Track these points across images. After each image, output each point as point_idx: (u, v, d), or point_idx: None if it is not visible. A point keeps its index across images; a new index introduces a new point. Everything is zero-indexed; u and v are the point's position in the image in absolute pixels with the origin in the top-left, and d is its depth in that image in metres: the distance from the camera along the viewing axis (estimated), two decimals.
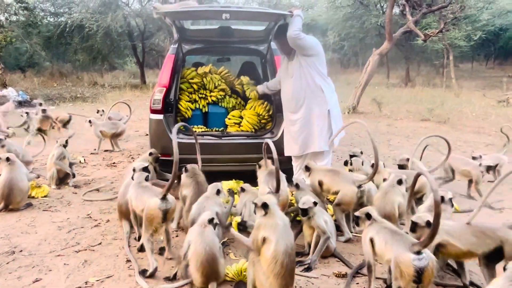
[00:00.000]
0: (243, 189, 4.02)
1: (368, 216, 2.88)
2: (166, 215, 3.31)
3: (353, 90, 13.66)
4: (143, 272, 3.22)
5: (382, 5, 22.79)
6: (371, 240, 2.80)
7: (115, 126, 7.71)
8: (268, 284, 2.66)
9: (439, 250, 2.97)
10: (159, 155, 4.87)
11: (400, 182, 3.78)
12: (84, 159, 6.66)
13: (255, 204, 2.85)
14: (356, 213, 3.00)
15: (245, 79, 5.83)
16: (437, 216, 2.45)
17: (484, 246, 2.90)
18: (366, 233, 2.86)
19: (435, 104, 13.42)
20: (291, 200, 4.24)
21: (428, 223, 2.89)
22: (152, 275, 3.18)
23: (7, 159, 4.61)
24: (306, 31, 4.74)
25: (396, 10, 18.32)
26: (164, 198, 3.30)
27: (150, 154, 4.85)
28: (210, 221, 3.04)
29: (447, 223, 3.02)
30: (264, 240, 2.70)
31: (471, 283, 3.11)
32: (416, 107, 13.53)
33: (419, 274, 2.48)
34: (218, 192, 3.64)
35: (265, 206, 2.78)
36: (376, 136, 9.48)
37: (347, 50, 29.43)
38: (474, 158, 5.57)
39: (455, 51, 21.56)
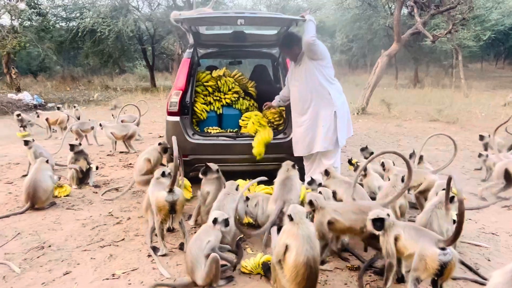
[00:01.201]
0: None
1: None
2: (173, 207, 3.60)
3: (362, 92, 13.78)
4: (154, 249, 3.67)
5: (390, 6, 22.85)
6: (396, 238, 2.92)
7: (125, 128, 7.92)
8: None
9: (330, 227, 3.36)
10: (168, 146, 5.06)
11: (402, 180, 3.88)
12: (97, 167, 6.68)
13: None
14: (371, 217, 3.00)
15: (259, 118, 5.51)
16: (461, 215, 2.59)
17: (361, 222, 3.21)
18: (389, 234, 2.94)
19: (444, 105, 13.50)
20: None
21: None
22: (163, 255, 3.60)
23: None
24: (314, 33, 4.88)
25: (405, 11, 18.39)
26: (171, 191, 3.57)
27: (159, 144, 5.07)
28: (214, 221, 3.23)
29: (334, 202, 3.63)
30: (286, 247, 2.82)
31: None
32: (425, 108, 13.61)
33: (442, 268, 2.65)
34: (237, 188, 3.82)
35: (290, 217, 2.89)
36: (385, 136, 9.60)
37: (355, 51, 29.51)
38: (480, 156, 5.67)
39: (464, 51, 21.56)
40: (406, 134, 9.88)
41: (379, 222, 2.96)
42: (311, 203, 3.46)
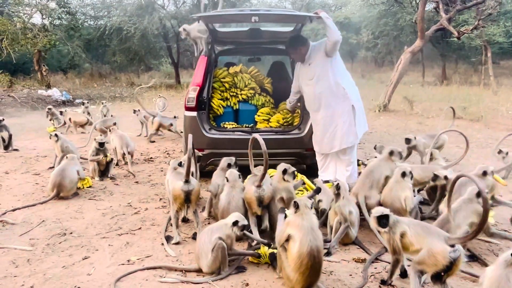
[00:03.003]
0: None
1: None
2: (188, 196, 3.79)
3: (384, 89, 13.64)
4: (168, 238, 3.86)
5: (416, 2, 22.42)
6: (402, 235, 2.95)
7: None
8: (294, 279, 2.91)
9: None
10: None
11: (404, 175, 3.89)
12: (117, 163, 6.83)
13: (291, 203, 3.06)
14: (376, 215, 3.03)
15: None
16: (485, 213, 2.59)
17: None
18: (395, 231, 2.97)
19: (471, 102, 13.20)
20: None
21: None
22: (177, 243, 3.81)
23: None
24: (340, 29, 4.94)
25: (431, 6, 18.04)
26: (187, 181, 3.75)
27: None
28: (235, 223, 3.31)
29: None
30: (289, 237, 2.92)
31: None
32: (450, 106, 13.32)
33: (451, 264, 2.70)
34: (239, 177, 3.99)
35: (295, 205, 2.99)
36: (405, 133, 9.50)
37: (381, 48, 29.06)
38: (500, 153, 5.59)
39: (494, 47, 20.95)
40: (427, 131, 9.74)
41: (384, 219, 2.98)
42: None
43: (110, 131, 6.97)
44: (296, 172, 4.18)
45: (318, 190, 3.97)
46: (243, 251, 3.51)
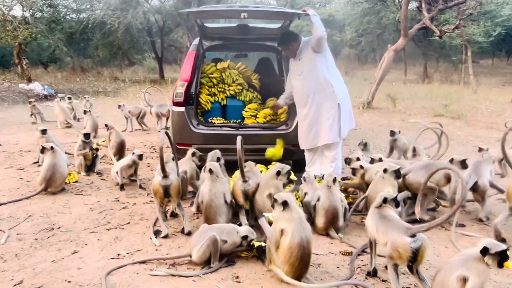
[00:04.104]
0: None
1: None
2: (167, 191, 3.92)
3: (368, 86, 13.83)
4: (156, 232, 3.91)
5: (400, 0, 22.70)
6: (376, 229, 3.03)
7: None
8: (284, 271, 2.98)
9: None
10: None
11: (386, 171, 3.99)
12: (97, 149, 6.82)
13: (275, 200, 3.13)
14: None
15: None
16: (457, 208, 2.71)
17: None
18: (368, 216, 3.14)
19: (451, 100, 13.51)
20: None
21: None
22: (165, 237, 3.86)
23: (51, 148, 5.14)
24: (324, 27, 4.96)
25: (414, 6, 18.31)
26: (165, 176, 3.89)
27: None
28: (244, 238, 3.39)
29: None
30: (282, 232, 2.99)
31: None
32: (431, 103, 13.62)
33: (415, 254, 2.76)
34: (211, 171, 4.00)
35: (285, 203, 3.05)
36: (388, 130, 9.68)
37: (365, 45, 29.34)
38: (480, 150, 5.76)
39: (474, 47, 21.36)
40: (410, 128, 9.94)
41: None
42: None
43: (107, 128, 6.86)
44: (291, 171, 4.19)
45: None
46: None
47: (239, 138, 4.03)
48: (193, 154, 4.96)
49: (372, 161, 4.74)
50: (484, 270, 2.42)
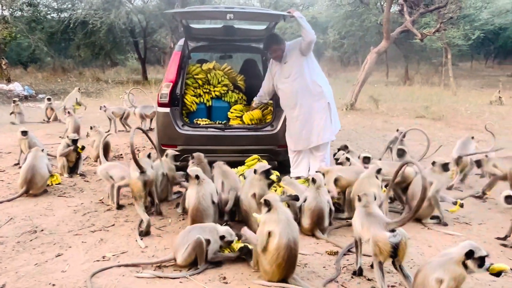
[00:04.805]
0: None
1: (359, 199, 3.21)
2: (145, 185, 4.17)
3: (351, 88, 13.98)
4: (143, 234, 3.91)
5: (382, 3, 23.02)
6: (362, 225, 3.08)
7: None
8: (270, 272, 2.99)
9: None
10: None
11: (379, 171, 4.10)
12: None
13: (262, 203, 3.13)
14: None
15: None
16: (421, 201, 2.76)
17: None
18: (355, 215, 3.20)
19: (432, 102, 13.77)
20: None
21: None
22: (147, 232, 3.93)
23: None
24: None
25: (396, 9, 18.62)
26: (142, 172, 4.13)
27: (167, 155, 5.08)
28: (221, 238, 3.38)
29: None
30: (269, 234, 2.98)
31: None
32: (413, 105, 13.85)
33: (395, 249, 2.80)
34: (197, 177, 3.90)
35: (266, 203, 3.06)
36: (371, 132, 9.82)
37: (347, 48, 29.64)
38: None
39: (454, 50, 21.82)
40: (393, 130, 10.06)
41: None
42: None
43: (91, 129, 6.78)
44: (277, 174, 4.20)
45: (296, 199, 3.92)
46: (227, 254, 3.47)
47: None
48: (166, 155, 4.96)
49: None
50: (461, 273, 2.48)
